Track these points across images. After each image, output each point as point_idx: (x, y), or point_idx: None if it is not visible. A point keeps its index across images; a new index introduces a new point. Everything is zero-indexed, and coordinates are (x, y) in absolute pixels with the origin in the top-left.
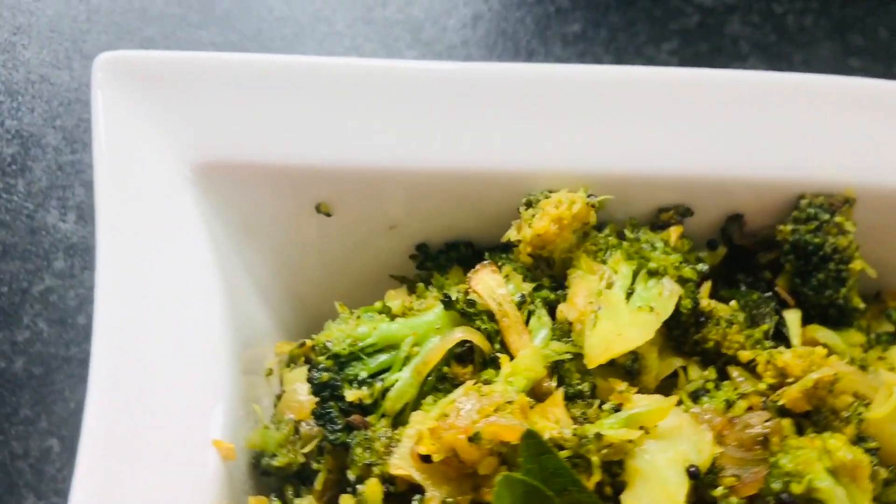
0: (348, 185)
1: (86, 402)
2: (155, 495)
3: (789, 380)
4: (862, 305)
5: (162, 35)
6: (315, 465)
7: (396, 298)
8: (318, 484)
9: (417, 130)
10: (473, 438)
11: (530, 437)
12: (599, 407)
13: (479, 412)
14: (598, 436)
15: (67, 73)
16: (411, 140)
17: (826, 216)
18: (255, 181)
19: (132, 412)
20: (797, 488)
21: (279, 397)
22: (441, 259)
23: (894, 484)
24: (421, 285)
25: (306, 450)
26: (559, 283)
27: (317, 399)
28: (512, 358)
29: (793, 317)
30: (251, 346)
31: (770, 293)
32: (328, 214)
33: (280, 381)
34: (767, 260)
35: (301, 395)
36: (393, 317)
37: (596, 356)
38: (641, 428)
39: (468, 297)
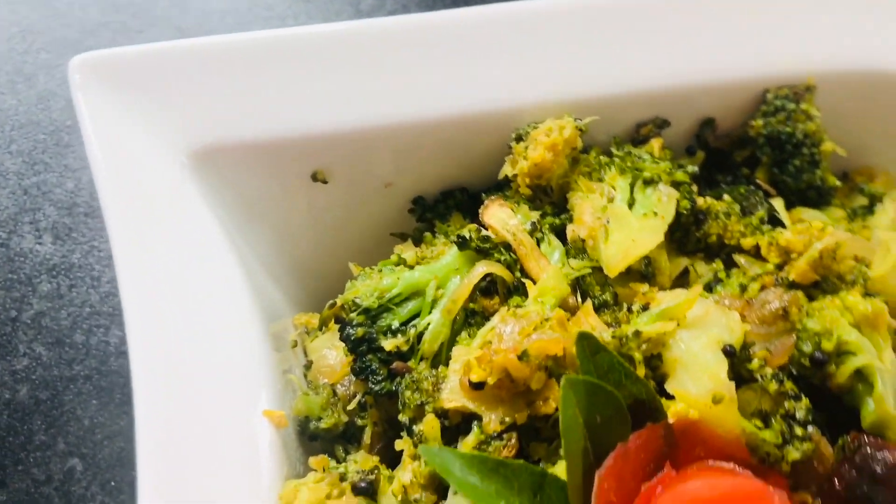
0: (340, 149)
1: (134, 404)
2: (219, 476)
3: (794, 255)
4: (838, 183)
5: (103, 45)
6: (360, 422)
7: (406, 252)
8: (367, 437)
9: (398, 85)
10: (522, 356)
11: (584, 338)
12: (628, 310)
13: (521, 332)
14: (637, 333)
15: (13, 97)
16: (394, 96)
17: (793, 105)
18: (250, 159)
19: (182, 403)
20: (828, 345)
21: (308, 367)
22: (439, 208)
23: None
24: (428, 235)
25: (349, 407)
26: (560, 209)
27: (353, 356)
28: (534, 283)
29: (779, 203)
30: (274, 322)
31: (752, 187)
32: (325, 181)
33: (304, 351)
34: (742, 157)
35: (330, 359)
36: (411, 266)
37: (616, 264)
38: (672, 320)
39: (482, 234)
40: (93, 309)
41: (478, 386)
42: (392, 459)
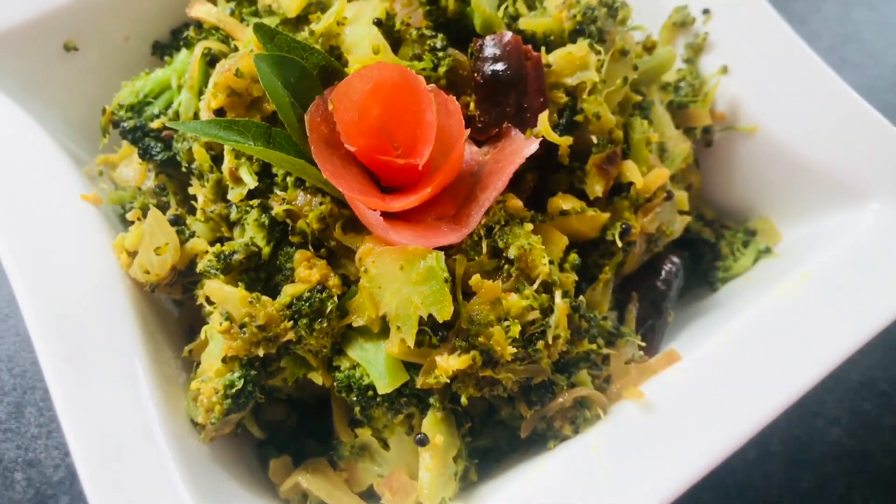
0: (75, 17)
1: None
2: (79, 259)
3: None
4: None
5: None
6: (165, 198)
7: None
8: (173, 207)
9: None
10: (237, 73)
11: (259, 27)
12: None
13: (237, 61)
14: (311, 32)
15: None
16: None
17: None
18: (19, 43)
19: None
20: None
21: (116, 187)
22: (175, 45)
23: None
24: (168, 59)
25: (150, 185)
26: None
27: (135, 145)
28: None
29: None
30: (83, 165)
31: None
32: (76, 49)
33: (112, 181)
34: None
35: (129, 173)
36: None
37: (292, 7)
38: (334, 18)
39: (195, 29)
40: None
41: (220, 112)
42: None
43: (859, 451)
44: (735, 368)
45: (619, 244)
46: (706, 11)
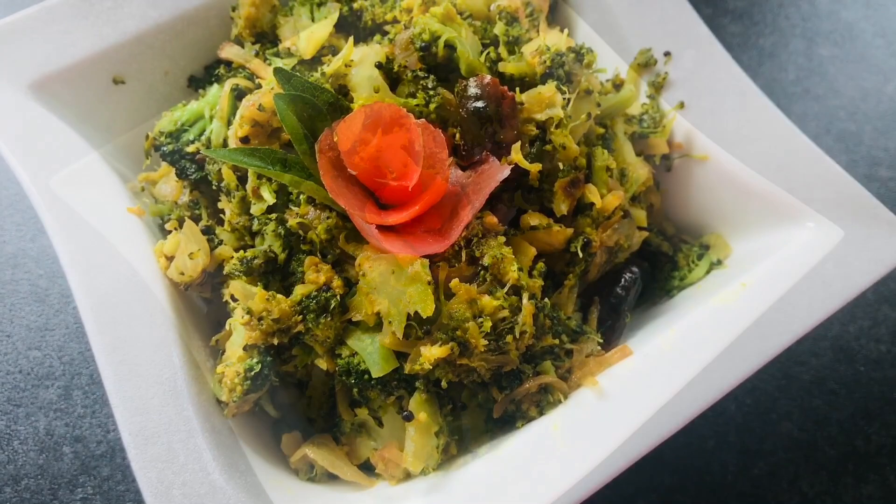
0: (123, 54)
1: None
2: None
3: (413, 8)
4: None
5: None
6: (197, 211)
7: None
8: (204, 218)
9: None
10: (259, 108)
11: (278, 71)
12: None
13: (260, 97)
14: (323, 73)
15: None
16: (149, 8)
17: None
18: (75, 78)
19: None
20: (426, 37)
21: (156, 202)
22: (209, 78)
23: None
24: (202, 91)
25: (185, 199)
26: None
27: (174, 167)
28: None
29: None
30: (128, 182)
31: None
32: (123, 82)
33: (153, 196)
34: None
35: (167, 189)
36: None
37: (308, 49)
38: (342, 60)
39: (224, 67)
40: None
41: (245, 140)
42: None
43: (808, 443)
44: (676, 362)
45: (581, 255)
46: (667, 54)
